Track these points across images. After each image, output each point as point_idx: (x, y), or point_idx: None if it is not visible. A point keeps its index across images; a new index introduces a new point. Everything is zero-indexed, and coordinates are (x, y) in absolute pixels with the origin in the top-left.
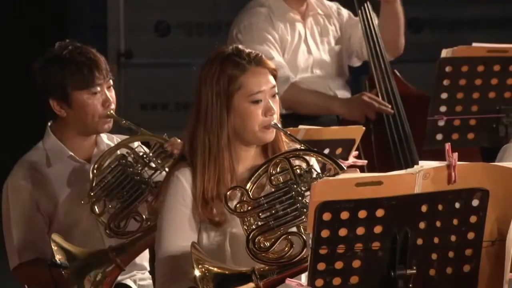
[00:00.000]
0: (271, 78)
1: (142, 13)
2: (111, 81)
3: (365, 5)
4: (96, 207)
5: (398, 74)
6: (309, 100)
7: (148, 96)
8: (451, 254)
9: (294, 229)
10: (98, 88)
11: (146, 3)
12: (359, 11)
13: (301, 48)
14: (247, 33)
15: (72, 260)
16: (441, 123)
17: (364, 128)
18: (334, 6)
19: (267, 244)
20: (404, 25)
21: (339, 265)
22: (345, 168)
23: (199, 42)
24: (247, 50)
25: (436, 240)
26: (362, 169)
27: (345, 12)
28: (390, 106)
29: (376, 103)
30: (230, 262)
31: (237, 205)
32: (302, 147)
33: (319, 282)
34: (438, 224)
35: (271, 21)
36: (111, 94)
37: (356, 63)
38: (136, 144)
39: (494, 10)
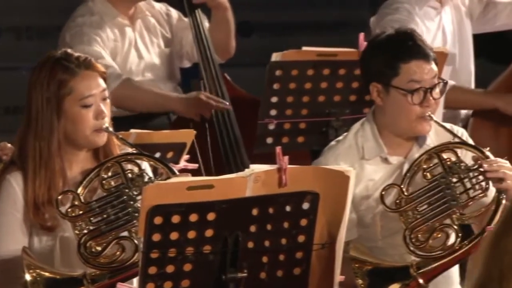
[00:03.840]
0: (101, 81)
1: None
2: None
3: (196, 11)
4: None
5: (228, 78)
6: (144, 95)
7: None
8: (281, 257)
9: (126, 233)
10: None
11: None
12: (190, 17)
13: (131, 53)
14: (77, 37)
15: None
16: (271, 126)
17: (195, 131)
18: (164, 8)
19: (99, 248)
20: (235, 29)
21: (170, 268)
22: (176, 172)
23: (28, 46)
24: (76, 54)
25: (267, 243)
26: (196, 172)
27: (174, 14)
28: (228, 103)
29: (213, 102)
30: (62, 267)
31: (69, 210)
32: (134, 151)
33: (150, 286)
34: (269, 227)
35: (101, 27)
36: None
37: (187, 64)
38: None
39: (324, 14)
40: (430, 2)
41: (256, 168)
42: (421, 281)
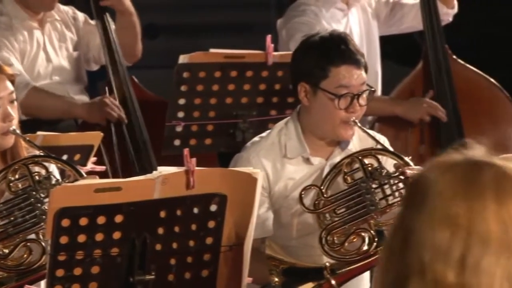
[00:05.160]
0: (8, 84)
1: None
2: None
3: (103, 14)
4: None
5: (135, 80)
6: (51, 104)
7: None
8: (189, 259)
9: (33, 236)
10: None
11: None
12: (97, 20)
13: (40, 55)
14: None
15: None
16: (178, 128)
17: (102, 134)
18: (70, 11)
19: (6, 251)
20: (141, 31)
21: (78, 271)
22: (84, 174)
23: None
24: None
25: (174, 245)
26: (103, 175)
27: (81, 17)
28: (124, 118)
29: (116, 107)
30: None
31: None
32: (41, 153)
33: None
34: (176, 229)
35: (11, 29)
36: None
37: (94, 67)
38: None
39: (230, 16)
40: (337, 4)
41: (164, 170)
42: (333, 282)
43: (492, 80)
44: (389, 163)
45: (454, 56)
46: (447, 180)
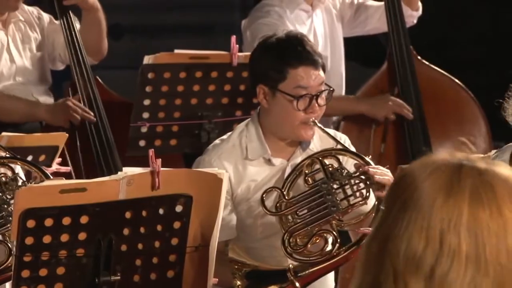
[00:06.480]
0: None
1: None
2: None
3: (67, 14)
4: None
5: (100, 80)
6: (12, 106)
7: None
8: (155, 260)
9: (0, 237)
10: None
11: None
12: (61, 19)
13: (3, 56)
14: None
15: None
16: (144, 129)
17: (67, 135)
18: (35, 11)
19: None
20: (106, 29)
21: (43, 272)
22: (49, 175)
23: None
24: None
25: (140, 246)
26: (68, 175)
27: (46, 17)
28: (92, 114)
29: (79, 109)
30: None
31: None
32: (7, 155)
33: None
34: (142, 230)
35: None
36: None
37: (60, 67)
38: None
39: (195, 16)
40: (302, 6)
41: (129, 171)
42: (297, 284)
43: (456, 80)
44: (349, 163)
45: (419, 57)
46: (429, 186)
